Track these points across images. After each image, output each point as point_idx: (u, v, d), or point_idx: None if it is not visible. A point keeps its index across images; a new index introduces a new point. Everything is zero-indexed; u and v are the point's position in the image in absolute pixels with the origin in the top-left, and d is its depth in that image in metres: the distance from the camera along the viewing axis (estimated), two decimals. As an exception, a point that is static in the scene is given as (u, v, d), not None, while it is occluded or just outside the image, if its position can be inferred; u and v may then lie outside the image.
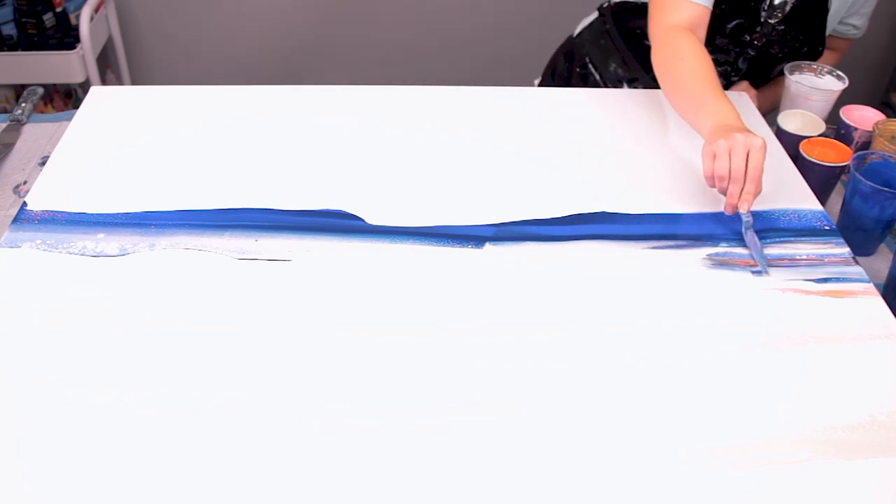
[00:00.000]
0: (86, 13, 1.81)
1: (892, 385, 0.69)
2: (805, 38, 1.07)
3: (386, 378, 0.67)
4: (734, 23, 1.05)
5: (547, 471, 0.61)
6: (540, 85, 1.34)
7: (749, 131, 0.82)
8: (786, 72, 1.07)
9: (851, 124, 1.01)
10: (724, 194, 0.83)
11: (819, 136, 0.98)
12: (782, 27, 1.04)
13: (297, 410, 0.64)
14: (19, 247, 0.79)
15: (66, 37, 1.86)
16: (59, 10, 1.88)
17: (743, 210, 0.82)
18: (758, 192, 0.82)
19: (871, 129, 0.99)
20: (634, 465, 0.61)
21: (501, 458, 0.61)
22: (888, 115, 1.00)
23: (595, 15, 1.24)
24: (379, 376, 0.67)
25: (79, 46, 1.82)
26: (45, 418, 0.62)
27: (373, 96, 1.06)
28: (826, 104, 1.05)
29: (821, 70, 1.07)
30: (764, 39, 1.05)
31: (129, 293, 0.74)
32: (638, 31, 1.12)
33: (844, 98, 1.05)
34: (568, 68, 1.25)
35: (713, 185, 0.84)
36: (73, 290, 0.74)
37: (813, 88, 1.04)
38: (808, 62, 1.07)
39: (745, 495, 0.59)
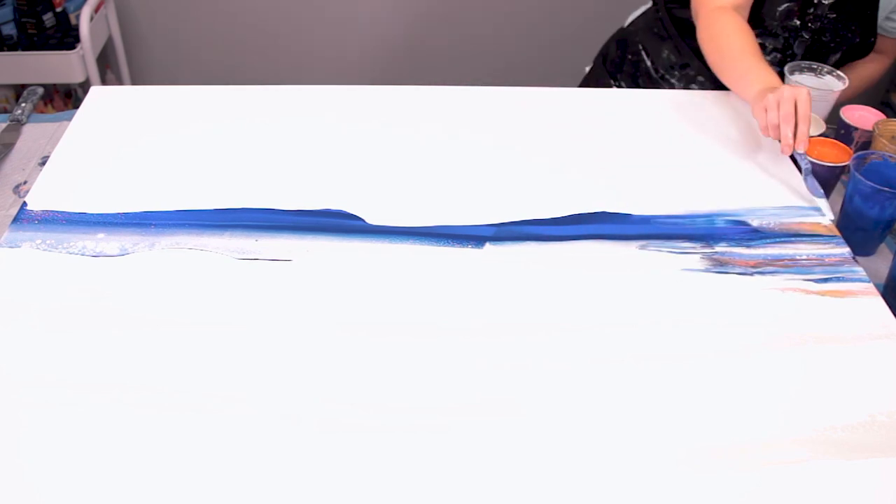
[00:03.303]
0: (86, 13, 1.81)
1: (892, 385, 0.69)
2: (856, 28, 1.12)
3: (386, 378, 0.67)
4: (784, 6, 1.10)
5: (547, 471, 0.61)
6: (590, 71, 1.37)
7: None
8: (786, 72, 1.07)
9: (851, 124, 1.01)
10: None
11: (819, 136, 0.98)
12: (833, 14, 1.10)
13: (297, 410, 0.64)
14: (19, 247, 0.79)
15: (66, 37, 1.86)
16: (59, 10, 1.88)
17: (800, 149, 0.89)
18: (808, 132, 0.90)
19: (871, 129, 0.99)
20: (634, 465, 0.61)
21: (501, 458, 0.61)
22: (888, 115, 1.00)
23: (647, 4, 1.29)
24: (379, 376, 0.67)
25: (79, 46, 1.82)
26: (45, 418, 0.62)
27: (373, 96, 1.06)
28: (826, 104, 1.05)
29: (821, 70, 1.07)
30: (818, 24, 1.10)
31: (129, 293, 0.74)
32: (689, 20, 1.17)
33: (844, 98, 1.05)
34: (620, 55, 1.29)
35: (770, 135, 0.91)
36: (73, 290, 0.74)
37: (813, 88, 1.04)
38: (808, 62, 1.07)
39: (745, 495, 0.59)
